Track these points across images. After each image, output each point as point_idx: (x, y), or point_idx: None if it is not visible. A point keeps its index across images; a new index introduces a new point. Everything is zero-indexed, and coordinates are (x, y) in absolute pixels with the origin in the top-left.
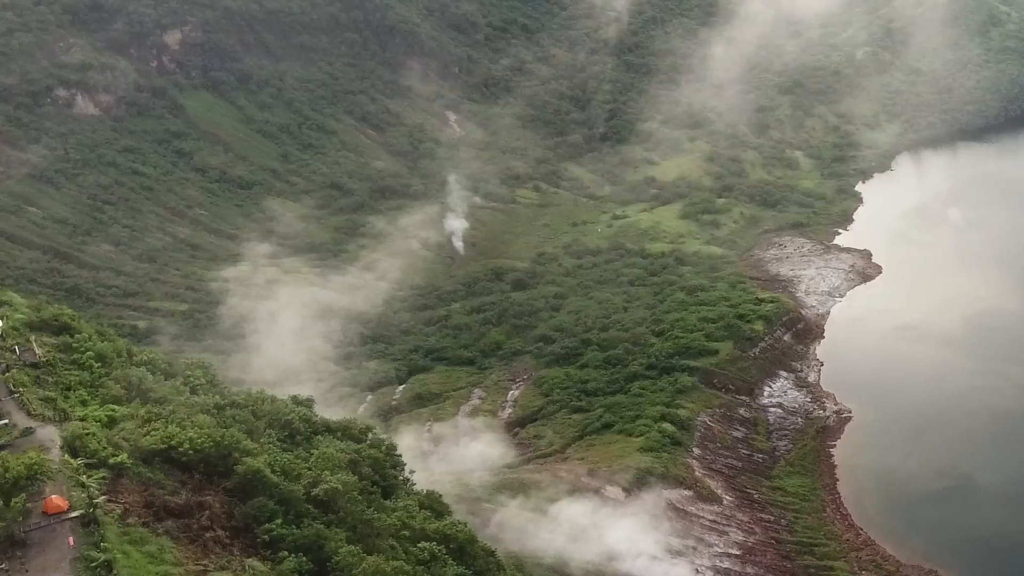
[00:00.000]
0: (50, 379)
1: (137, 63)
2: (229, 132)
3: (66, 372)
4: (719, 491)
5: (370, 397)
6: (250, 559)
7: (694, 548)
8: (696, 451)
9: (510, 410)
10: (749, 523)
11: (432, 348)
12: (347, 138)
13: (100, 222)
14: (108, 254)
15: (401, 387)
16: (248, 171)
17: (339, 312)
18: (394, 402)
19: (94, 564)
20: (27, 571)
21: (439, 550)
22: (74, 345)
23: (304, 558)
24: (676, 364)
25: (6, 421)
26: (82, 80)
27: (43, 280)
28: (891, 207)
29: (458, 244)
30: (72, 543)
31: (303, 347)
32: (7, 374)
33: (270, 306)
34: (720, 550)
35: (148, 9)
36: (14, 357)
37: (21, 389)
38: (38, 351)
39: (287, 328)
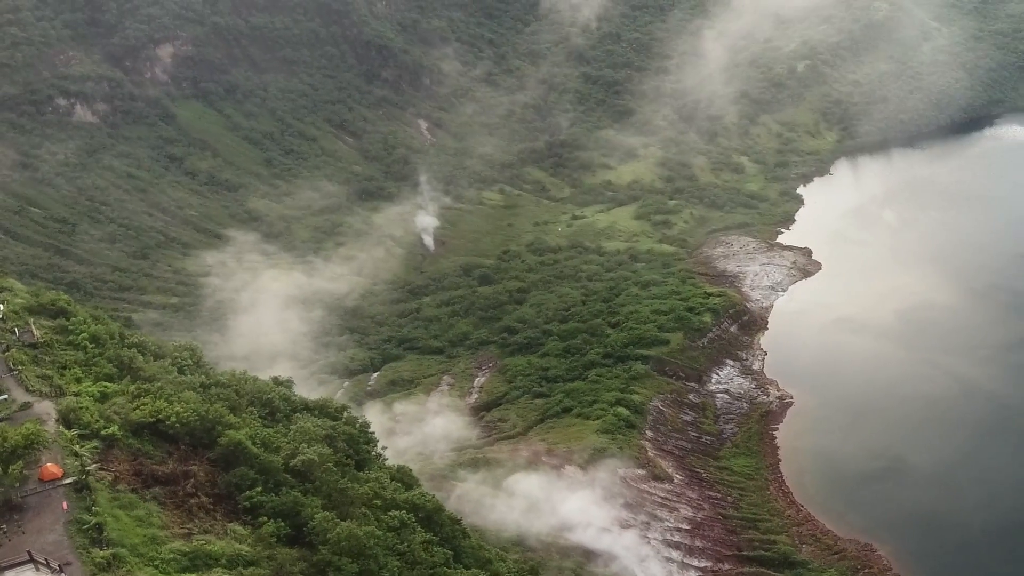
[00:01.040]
0: (47, 358)
1: (132, 75)
2: (217, 139)
3: (62, 352)
4: (670, 470)
5: (347, 383)
6: (232, 523)
7: (647, 523)
8: (649, 433)
9: (476, 395)
10: (698, 500)
11: (404, 338)
12: (326, 144)
13: (97, 221)
14: (104, 251)
15: (376, 374)
16: (234, 174)
17: (318, 304)
18: (369, 388)
19: (86, 526)
20: (24, 533)
21: (408, 518)
22: (69, 327)
23: (282, 523)
24: (630, 353)
25: (5, 396)
26: (81, 90)
27: (44, 275)
28: (830, 208)
29: (429, 242)
30: (66, 507)
31: (284, 337)
32: (7, 353)
33: (253, 299)
34: (671, 525)
35: (142, 25)
36: (14, 338)
37: (20, 367)
38: (36, 332)
39: (269, 319)
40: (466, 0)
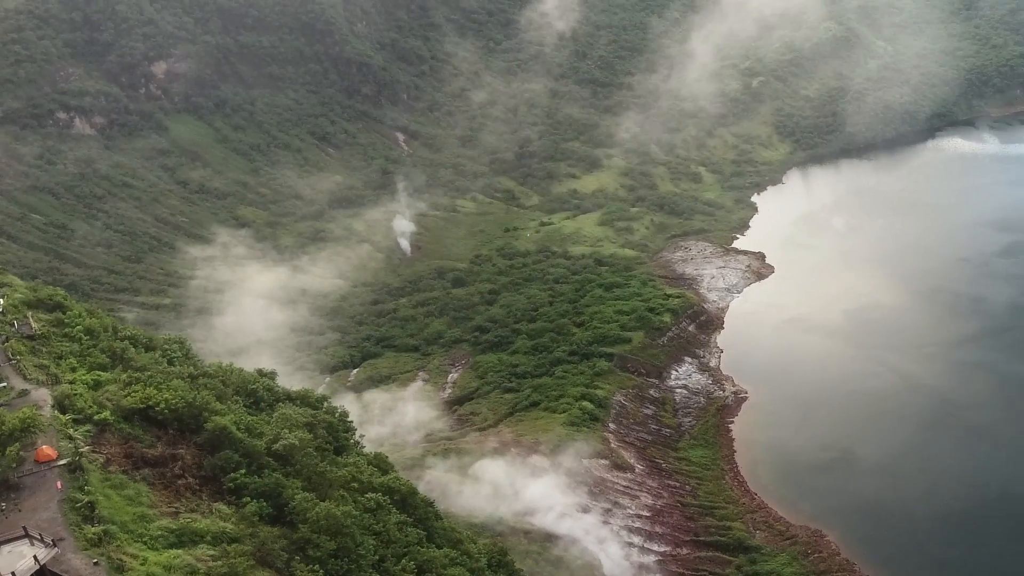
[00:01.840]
0: (44, 349)
1: (128, 90)
2: (207, 150)
3: (58, 343)
4: (632, 460)
5: (328, 378)
6: (217, 503)
7: (609, 510)
8: (612, 426)
9: (450, 390)
10: (658, 489)
11: (382, 337)
12: (309, 155)
13: (94, 228)
14: (101, 254)
15: (355, 370)
16: (223, 184)
17: (301, 304)
18: (349, 383)
19: (79, 505)
20: (20, 511)
21: (384, 500)
22: (66, 320)
23: (264, 503)
24: (595, 351)
25: (4, 384)
26: (80, 104)
27: (44, 278)
28: (782, 215)
29: (406, 246)
30: (60, 487)
31: (269, 335)
32: (6, 344)
33: (240, 299)
34: (632, 512)
35: (138, 43)
36: (12, 330)
37: (18, 357)
38: (34, 325)
39: (255, 318)
40: (441, 21)
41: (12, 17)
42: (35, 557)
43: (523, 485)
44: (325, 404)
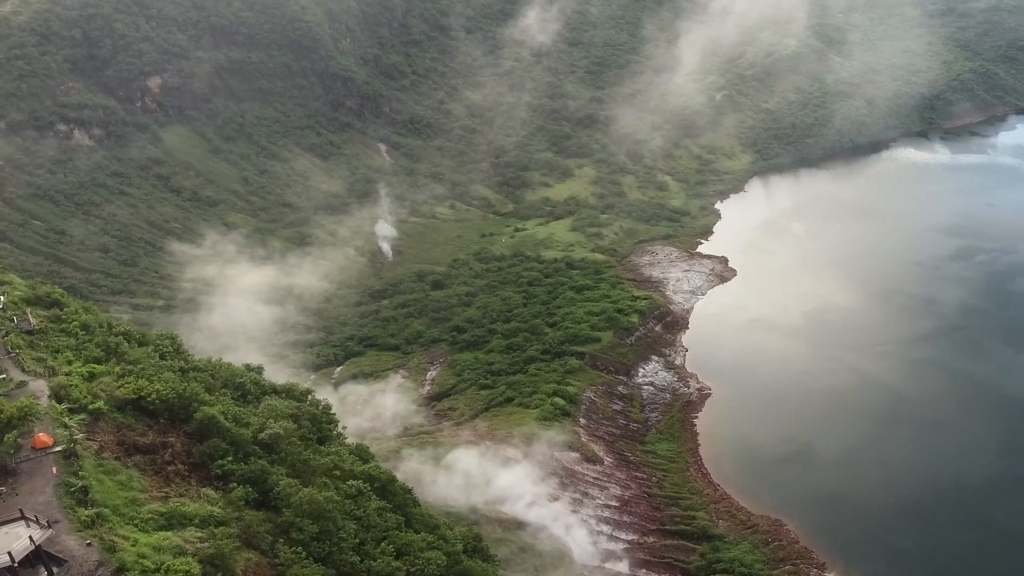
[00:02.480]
0: (42, 343)
1: (124, 103)
2: (199, 160)
3: (55, 338)
4: (601, 453)
5: (313, 376)
6: (205, 488)
7: (579, 500)
8: (582, 421)
9: (429, 387)
10: (626, 480)
11: (365, 336)
12: (296, 165)
13: (92, 233)
14: (98, 259)
15: (339, 368)
16: (215, 192)
17: (289, 306)
18: (333, 380)
19: (73, 489)
20: (17, 494)
21: (364, 487)
22: (63, 317)
23: (250, 488)
24: (566, 350)
25: (4, 375)
26: (79, 116)
27: (44, 280)
28: (745, 222)
29: (387, 251)
30: (55, 472)
31: (258, 334)
32: (6, 338)
33: (230, 299)
34: (602, 502)
35: (134, 59)
36: (12, 325)
37: (17, 351)
38: (32, 321)
39: (244, 317)
40: (421, 38)
41: (16, 34)
42: (30, 538)
43: (496, 475)
44: (309, 397)
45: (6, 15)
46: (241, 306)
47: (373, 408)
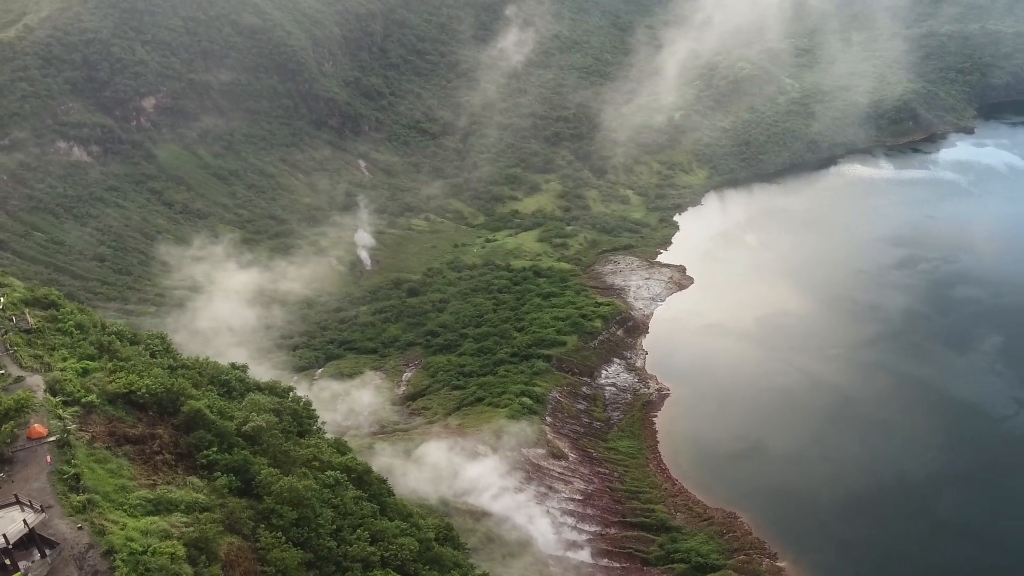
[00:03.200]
0: (39, 341)
1: (120, 121)
2: (190, 175)
3: (52, 336)
4: (566, 450)
5: (296, 377)
6: (190, 477)
7: (545, 493)
8: (548, 419)
9: (404, 387)
10: (589, 475)
11: (344, 340)
12: (281, 180)
13: (89, 244)
14: (95, 268)
15: (320, 370)
16: (205, 205)
17: (272, 310)
18: (314, 381)
19: (66, 476)
20: (13, 481)
21: (341, 477)
22: (59, 317)
23: (233, 477)
24: (533, 353)
25: (2, 371)
26: (78, 134)
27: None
28: (701, 233)
29: (366, 260)
30: (49, 460)
31: (243, 336)
32: (5, 337)
33: (218, 304)
34: (566, 496)
35: (130, 81)
36: (11, 324)
37: (15, 348)
38: (30, 320)
39: (231, 320)
40: (399, 61)
41: (20, 58)
42: (25, 521)
43: (465, 468)
44: (291, 393)
45: (11, 40)
46: (227, 310)
47: (351, 406)
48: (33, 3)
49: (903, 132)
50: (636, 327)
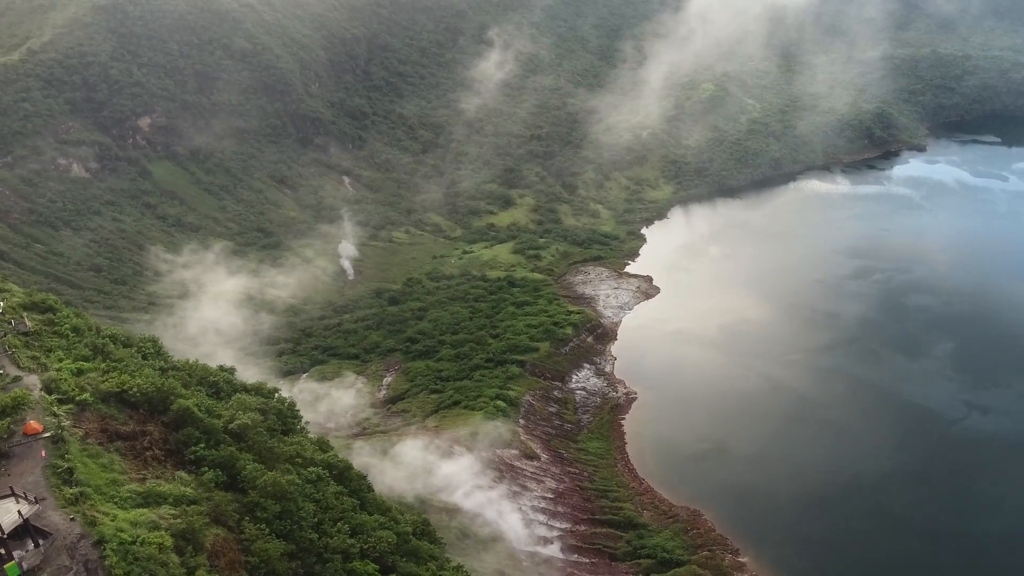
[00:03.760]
0: (36, 343)
1: (117, 140)
2: (183, 190)
3: (48, 339)
4: (538, 450)
5: (281, 381)
6: (179, 471)
7: (518, 491)
8: (522, 421)
9: (384, 391)
10: (560, 474)
11: (328, 347)
12: (269, 195)
13: (86, 255)
14: (92, 278)
15: (305, 374)
16: (196, 218)
17: (260, 317)
18: (299, 384)
19: (59, 470)
20: (9, 475)
21: (323, 473)
22: (56, 320)
23: (220, 472)
24: (507, 358)
25: (1, 371)
26: (77, 152)
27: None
28: (667, 245)
29: (349, 271)
30: (44, 455)
31: (231, 342)
32: (3, 339)
33: (208, 312)
34: (539, 494)
35: (127, 101)
36: (10, 327)
37: (13, 350)
38: (28, 324)
39: (220, 327)
40: (381, 83)
41: (23, 80)
42: (19, 512)
43: (441, 467)
44: (276, 395)
45: (15, 63)
46: (217, 316)
47: (334, 409)
48: (36, 28)
49: (859, 150)
50: (605, 334)
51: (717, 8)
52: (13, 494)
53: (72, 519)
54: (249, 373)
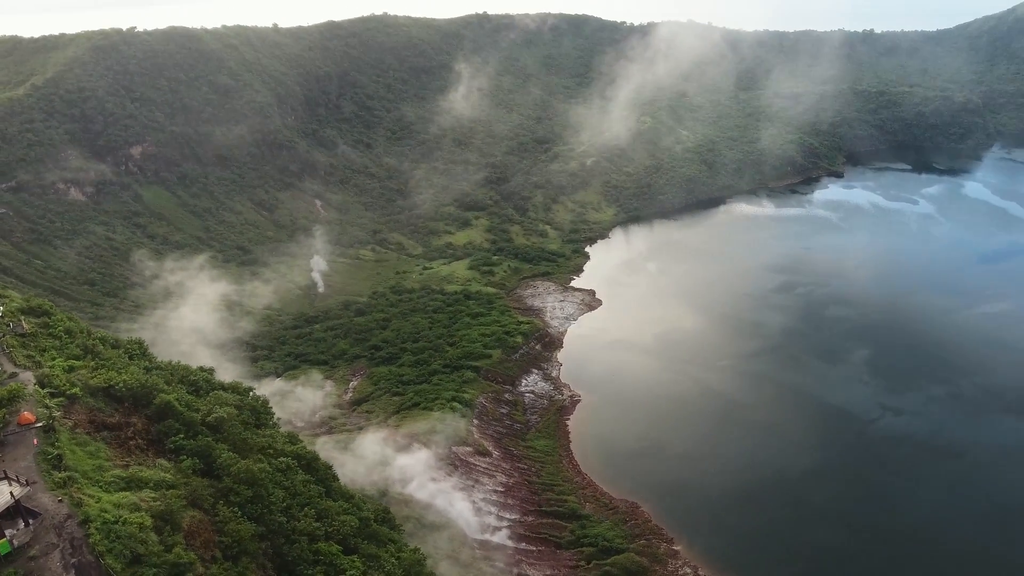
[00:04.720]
0: (32, 344)
1: (112, 166)
2: (171, 212)
3: (43, 340)
4: (490, 448)
5: (257, 384)
6: (159, 459)
7: (472, 485)
8: (476, 421)
9: (351, 394)
10: (510, 470)
11: (300, 353)
12: (249, 216)
13: (82, 270)
14: (87, 291)
15: (278, 379)
16: (182, 237)
17: (238, 329)
18: (272, 387)
19: (50, 456)
20: (3, 460)
21: (292, 463)
22: (50, 323)
23: (197, 460)
24: (463, 364)
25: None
26: (75, 177)
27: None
28: (609, 262)
29: (319, 284)
30: (36, 443)
31: (212, 351)
32: (2, 339)
33: (191, 319)
34: (490, 488)
35: (121, 131)
36: (8, 329)
37: (11, 349)
38: (25, 326)
39: (203, 339)
40: (351, 115)
41: (27, 112)
42: (11, 494)
43: (400, 462)
44: (251, 392)
45: (20, 97)
46: (198, 323)
47: (303, 409)
48: (40, 65)
49: (783, 176)
50: (552, 342)
51: (653, 54)
52: (5, 477)
53: (60, 501)
54: (226, 376)
